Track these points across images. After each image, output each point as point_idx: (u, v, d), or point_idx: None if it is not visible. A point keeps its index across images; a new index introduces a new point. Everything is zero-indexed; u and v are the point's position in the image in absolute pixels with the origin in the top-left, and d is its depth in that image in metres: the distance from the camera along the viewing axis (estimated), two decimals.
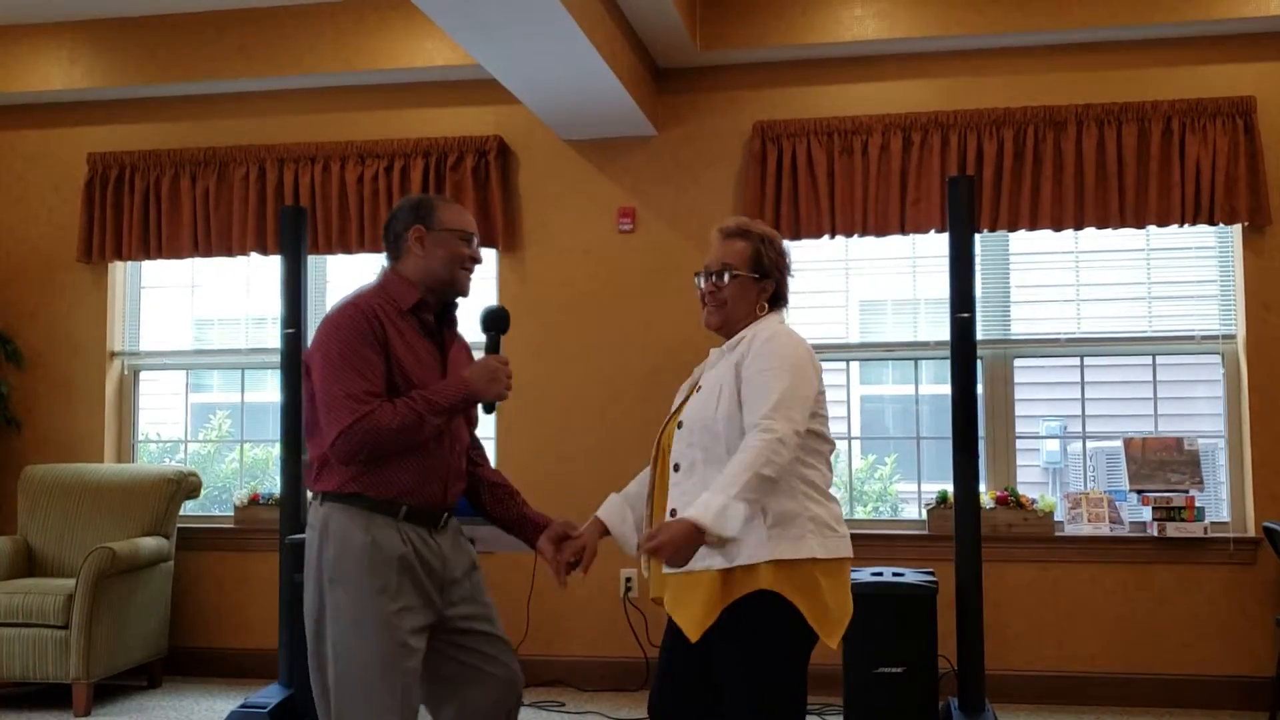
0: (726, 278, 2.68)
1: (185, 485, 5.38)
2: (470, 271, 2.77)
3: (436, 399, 2.58)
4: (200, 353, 5.96)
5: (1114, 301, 5.21)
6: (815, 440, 2.57)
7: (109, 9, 5.50)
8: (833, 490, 2.64)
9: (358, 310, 2.61)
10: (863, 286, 5.39)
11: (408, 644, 2.56)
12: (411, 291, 2.69)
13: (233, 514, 5.61)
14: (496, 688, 2.73)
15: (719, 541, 2.35)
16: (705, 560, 2.45)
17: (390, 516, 2.60)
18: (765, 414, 2.44)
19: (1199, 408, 5.24)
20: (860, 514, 5.69)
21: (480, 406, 2.70)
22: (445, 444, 2.69)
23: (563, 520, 2.82)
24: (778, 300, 2.75)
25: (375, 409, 2.52)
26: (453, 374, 2.71)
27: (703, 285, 2.71)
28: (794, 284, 2.81)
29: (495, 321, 2.79)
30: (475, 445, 2.93)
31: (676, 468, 2.57)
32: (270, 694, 4.63)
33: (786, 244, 2.81)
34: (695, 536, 2.32)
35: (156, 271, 5.96)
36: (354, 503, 2.60)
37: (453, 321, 2.83)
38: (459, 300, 2.82)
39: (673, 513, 2.52)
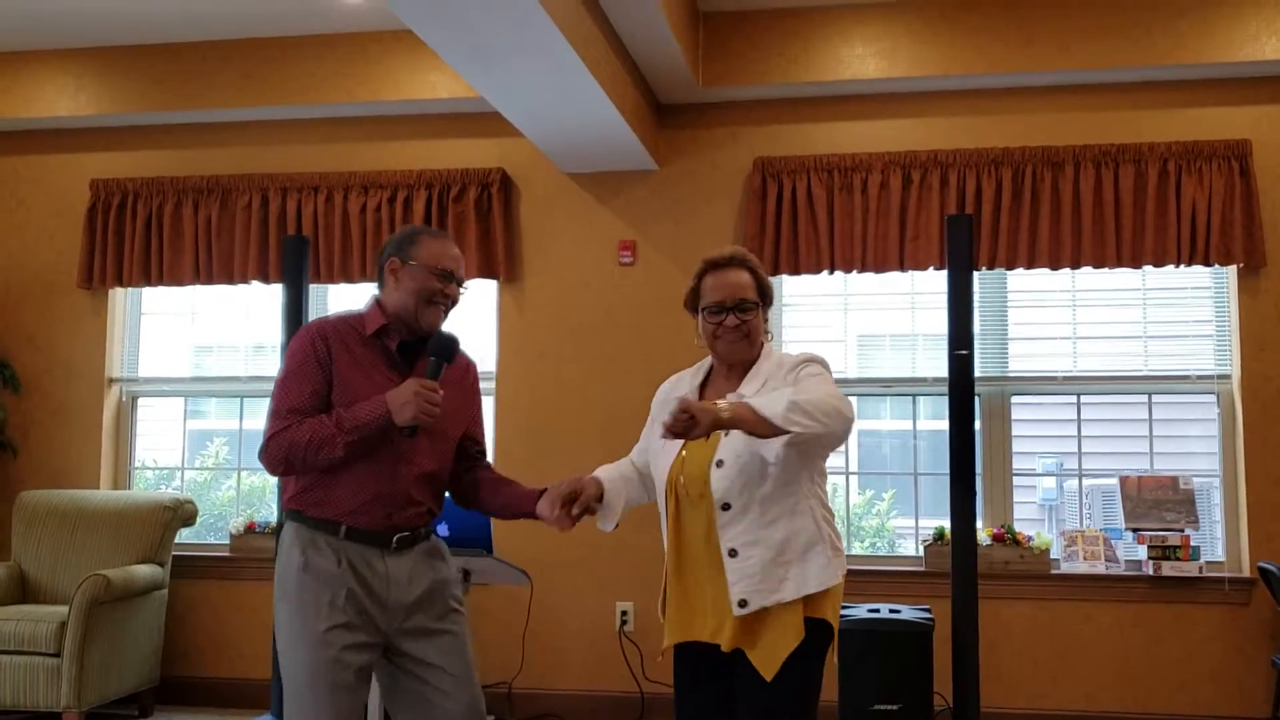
0: (750, 311, 2.64)
1: (181, 513, 5.36)
2: (441, 307, 2.72)
3: (350, 417, 2.58)
4: (199, 380, 5.95)
5: (1110, 340, 5.23)
6: (822, 462, 2.60)
7: (115, 37, 5.55)
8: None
9: (310, 331, 2.69)
10: (861, 322, 5.41)
11: (340, 660, 2.57)
12: (377, 319, 2.72)
13: (228, 542, 5.60)
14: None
15: (765, 431, 2.30)
16: (777, 594, 2.44)
17: (330, 535, 2.63)
18: (836, 394, 2.42)
19: (1194, 447, 5.25)
20: (857, 549, 5.68)
21: (403, 430, 2.61)
22: (390, 467, 2.65)
23: (564, 481, 2.75)
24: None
25: (293, 424, 2.59)
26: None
27: (729, 321, 2.62)
28: (793, 318, 2.82)
29: (436, 347, 2.70)
30: (479, 457, 2.92)
31: (727, 506, 2.48)
32: None
33: (784, 278, 2.81)
34: (721, 420, 2.28)
35: (157, 298, 5.97)
36: (298, 520, 2.67)
37: (429, 352, 2.74)
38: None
39: (732, 552, 2.45)
